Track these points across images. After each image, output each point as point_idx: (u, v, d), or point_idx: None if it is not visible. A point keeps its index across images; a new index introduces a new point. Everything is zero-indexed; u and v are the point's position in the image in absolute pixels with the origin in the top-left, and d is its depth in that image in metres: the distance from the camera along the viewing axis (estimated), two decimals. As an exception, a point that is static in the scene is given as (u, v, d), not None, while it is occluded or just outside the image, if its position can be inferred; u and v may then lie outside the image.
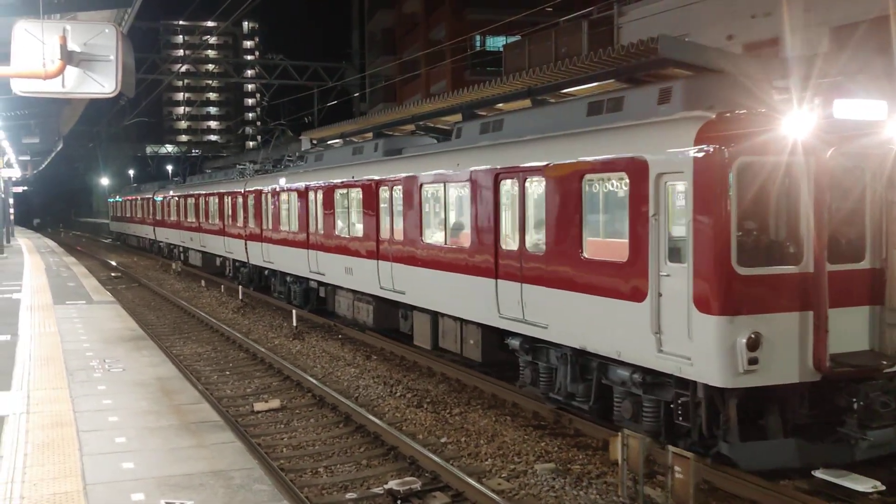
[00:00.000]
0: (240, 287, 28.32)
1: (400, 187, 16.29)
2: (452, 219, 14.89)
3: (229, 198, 30.54)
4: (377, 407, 13.54)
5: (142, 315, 24.39)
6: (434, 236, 15.33)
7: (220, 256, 33.41)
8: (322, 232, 20.61)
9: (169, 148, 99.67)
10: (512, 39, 38.73)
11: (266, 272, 27.01)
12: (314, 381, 14.83)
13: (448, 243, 14.68)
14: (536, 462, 10.64)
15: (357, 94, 56.42)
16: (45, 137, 37.00)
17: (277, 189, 24.44)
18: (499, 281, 12.86)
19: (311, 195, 21.42)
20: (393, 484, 9.61)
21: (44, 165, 60.03)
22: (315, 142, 28.16)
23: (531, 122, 13.15)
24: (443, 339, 15.21)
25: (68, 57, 7.88)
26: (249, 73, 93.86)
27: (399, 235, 16.33)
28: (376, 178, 17.36)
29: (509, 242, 12.83)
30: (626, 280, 10.16)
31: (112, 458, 8.23)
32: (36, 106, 24.70)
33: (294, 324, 20.90)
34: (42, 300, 21.21)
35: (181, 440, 8.91)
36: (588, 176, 11.02)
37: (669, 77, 11.48)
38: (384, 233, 17.05)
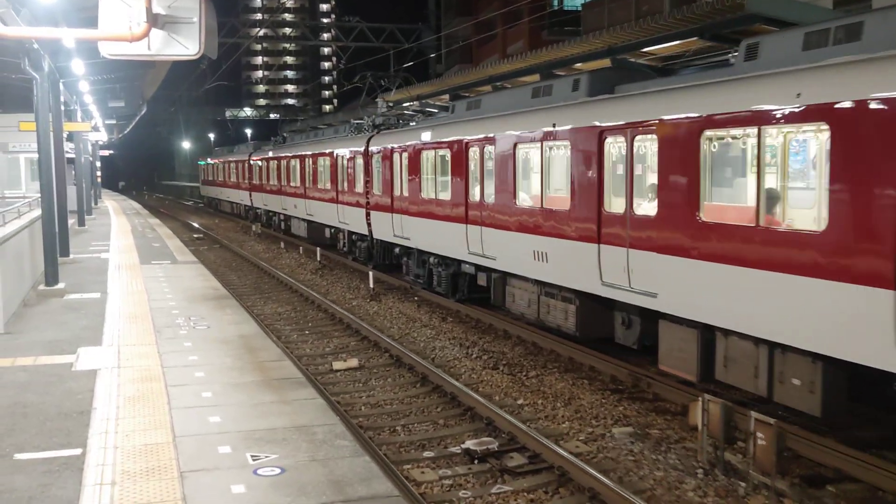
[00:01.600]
0: (318, 249, 28.67)
1: (651, 138, 11.15)
2: (771, 184, 9.45)
3: (345, 159, 25.77)
4: (453, 368, 13.63)
5: (224, 275, 24.98)
6: (731, 212, 9.98)
7: (331, 227, 28.76)
8: (493, 202, 15.53)
9: (248, 111, 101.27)
10: (590, -2, 37.92)
11: (397, 250, 21.93)
12: (391, 342, 14.99)
13: (762, 224, 9.20)
14: (614, 426, 10.57)
15: (433, 56, 56.22)
16: (130, 101, 38.05)
17: (417, 146, 19.32)
18: None
19: (474, 153, 16.41)
20: (470, 444, 9.68)
21: (128, 129, 61.72)
22: (391, 104, 28.15)
23: None
24: (725, 369, 10.19)
25: (153, 19, 8.03)
26: (326, 36, 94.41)
27: (648, 209, 11.24)
28: (605, 124, 12.06)
29: None
30: None
31: (199, 412, 8.49)
32: (121, 70, 25.37)
33: (371, 285, 21.13)
34: (129, 260, 21.92)
35: (264, 396, 9.13)
36: None
37: (757, 33, 11.09)
38: (613, 204, 12.08)
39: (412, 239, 19.98)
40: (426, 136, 18.94)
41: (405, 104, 26.24)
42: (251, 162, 43.14)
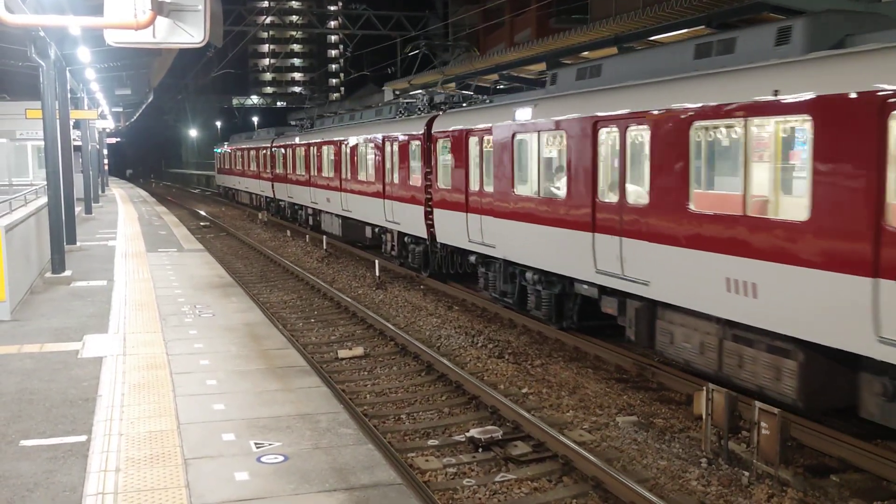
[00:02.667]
0: (324, 237, 28.66)
1: None
2: None
3: (395, 144, 21.60)
4: (458, 356, 13.64)
5: (230, 263, 25.03)
6: None
7: (375, 226, 24.32)
8: (645, 203, 11.25)
9: (255, 99, 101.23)
10: (598, -14, 37.75)
11: (472, 258, 17.51)
12: (397, 330, 15.00)
13: None
14: (619, 415, 10.58)
15: (439, 43, 56.08)
16: (137, 89, 38.04)
17: (510, 128, 15.03)
18: None
19: (608, 137, 12.30)
20: (474, 432, 9.69)
21: (135, 117, 61.76)
22: (398, 92, 28.06)
23: None
24: None
25: (158, 7, 8.00)
26: (333, 24, 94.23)
27: None
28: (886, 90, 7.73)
29: None
30: None
31: (204, 400, 8.51)
32: (127, 58, 25.36)
33: (377, 274, 21.14)
34: (136, 248, 21.97)
35: (269, 384, 9.15)
36: None
37: (765, 21, 11.02)
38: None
39: (498, 247, 15.73)
40: (523, 115, 14.56)
41: (417, 91, 26.10)
42: (274, 149, 39.13)
